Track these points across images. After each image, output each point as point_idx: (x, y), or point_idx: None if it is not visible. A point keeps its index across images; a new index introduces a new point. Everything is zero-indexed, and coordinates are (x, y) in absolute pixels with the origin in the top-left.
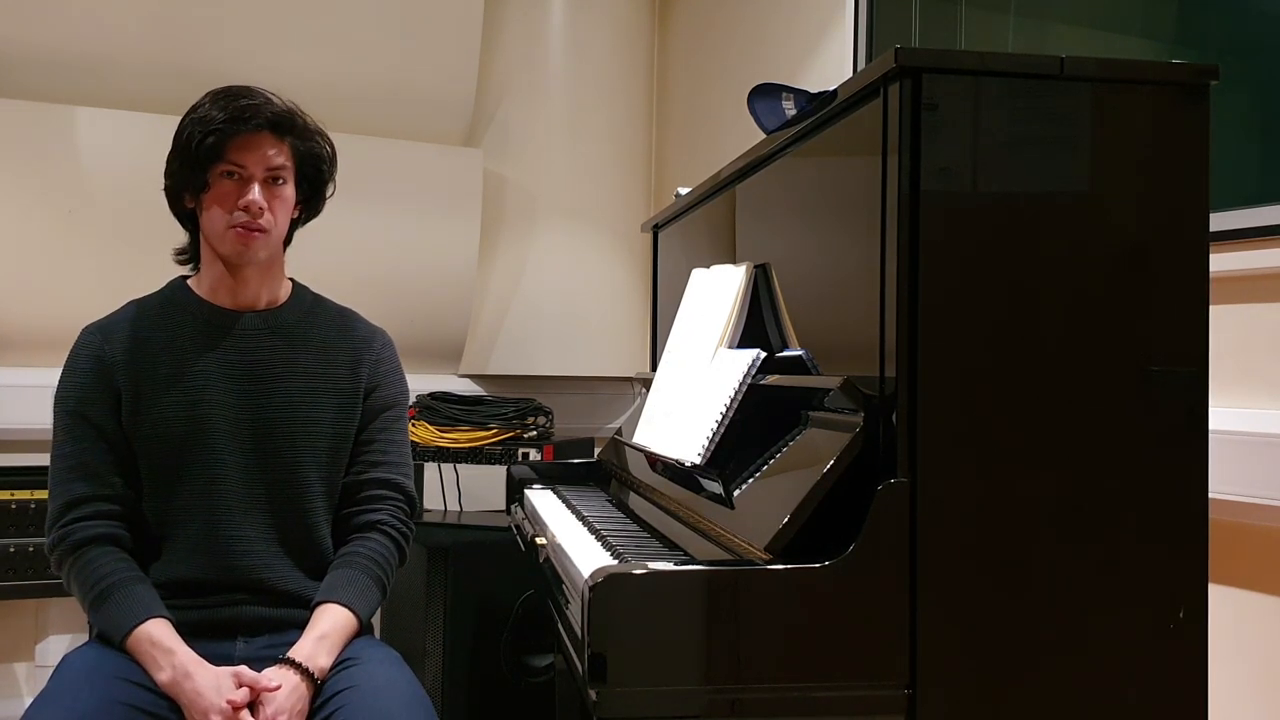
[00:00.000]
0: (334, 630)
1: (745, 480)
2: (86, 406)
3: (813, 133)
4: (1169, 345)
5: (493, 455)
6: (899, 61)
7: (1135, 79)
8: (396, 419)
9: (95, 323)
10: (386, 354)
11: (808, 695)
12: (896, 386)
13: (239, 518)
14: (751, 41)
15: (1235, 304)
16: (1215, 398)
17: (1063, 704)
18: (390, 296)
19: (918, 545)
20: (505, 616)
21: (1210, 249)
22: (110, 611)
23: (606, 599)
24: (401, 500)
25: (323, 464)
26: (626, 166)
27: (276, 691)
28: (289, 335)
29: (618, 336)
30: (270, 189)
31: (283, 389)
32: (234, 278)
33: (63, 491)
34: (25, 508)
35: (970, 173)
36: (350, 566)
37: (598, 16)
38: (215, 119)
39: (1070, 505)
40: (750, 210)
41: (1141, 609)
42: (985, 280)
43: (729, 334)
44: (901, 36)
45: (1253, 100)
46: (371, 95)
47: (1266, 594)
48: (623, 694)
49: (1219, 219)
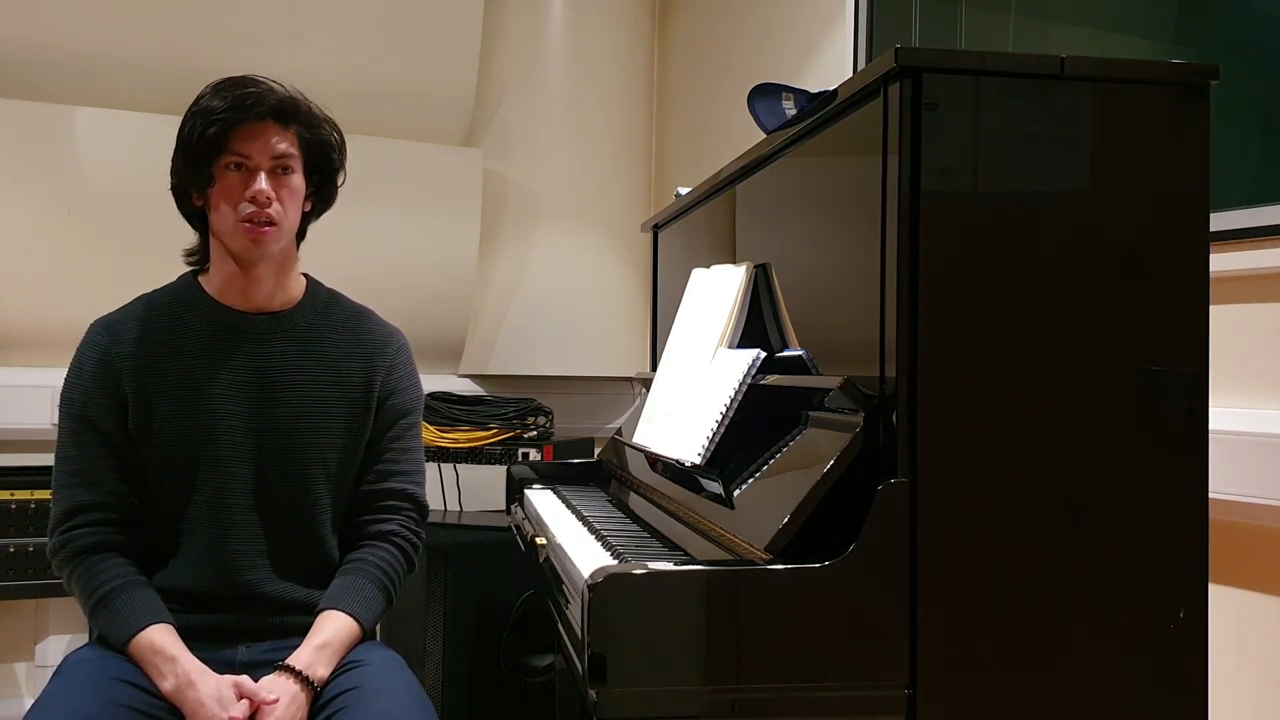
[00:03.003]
0: (335, 638)
1: (745, 480)
2: (91, 410)
3: (813, 133)
4: (1169, 345)
5: (493, 455)
6: (899, 61)
7: (1135, 79)
8: (411, 426)
9: (103, 319)
10: (402, 358)
11: (808, 695)
12: (896, 386)
13: (245, 530)
14: (751, 41)
15: (1235, 304)
16: (1215, 398)
17: (1063, 704)
18: (390, 296)
19: (918, 545)
20: (505, 616)
21: (1210, 249)
22: (112, 617)
23: (606, 599)
24: (413, 510)
25: (332, 475)
26: (626, 166)
27: (275, 705)
28: (301, 340)
29: (618, 336)
30: (278, 179)
31: (293, 398)
32: (246, 276)
33: (65, 497)
34: (25, 508)
35: (970, 173)
36: (357, 574)
37: (598, 16)
38: (216, 109)
39: (1070, 505)
40: (750, 210)
41: (1141, 609)
42: (985, 280)
43: (729, 334)
44: (901, 36)
45: (1253, 100)
46: (371, 95)
47: (1266, 594)
48: (623, 694)
49: (1219, 219)
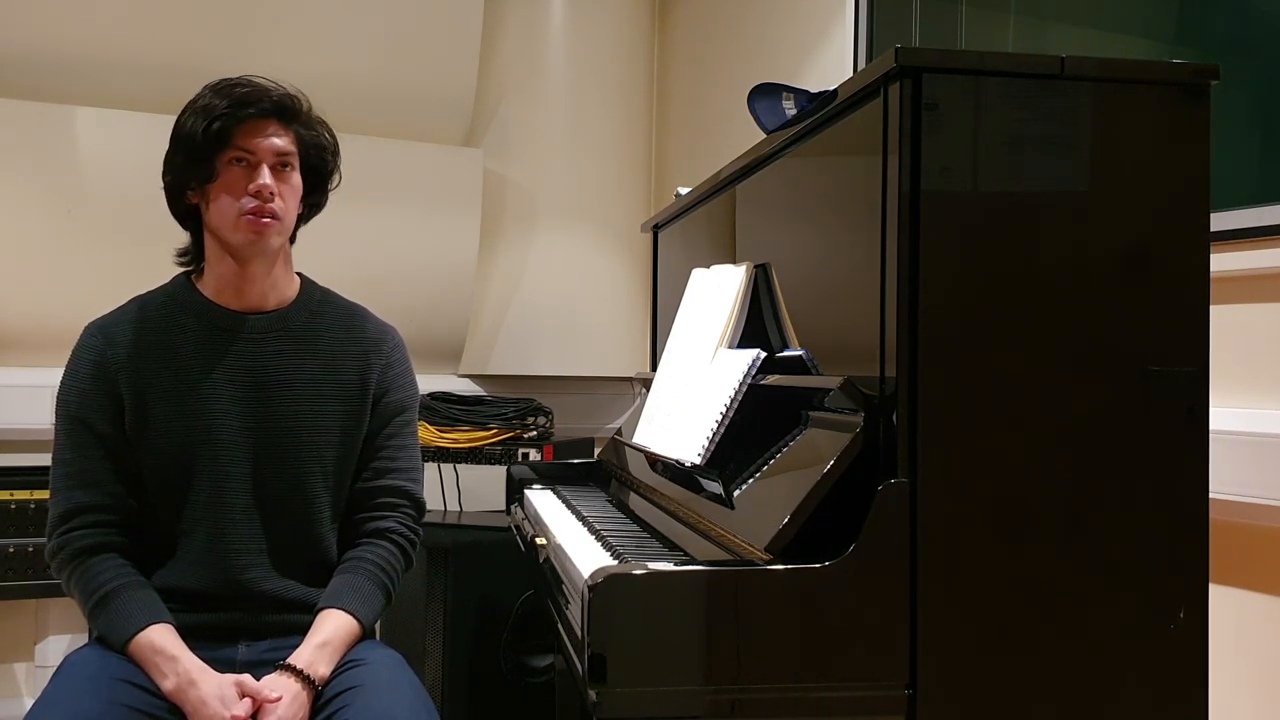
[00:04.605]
0: (335, 637)
1: (745, 480)
2: (87, 412)
3: (813, 132)
4: (1169, 345)
5: (493, 455)
6: (899, 61)
7: (1135, 79)
8: (407, 423)
9: (97, 321)
10: (397, 356)
11: (808, 695)
12: (896, 386)
13: (243, 529)
14: (751, 41)
15: (1235, 304)
16: (1215, 398)
17: (1063, 704)
18: (390, 296)
19: (918, 545)
20: (505, 616)
21: (1210, 249)
22: (112, 617)
23: (606, 599)
24: (410, 507)
25: (329, 473)
26: (626, 166)
27: (277, 703)
28: (296, 339)
29: (618, 336)
30: (279, 175)
31: (289, 397)
32: (241, 274)
33: (63, 499)
34: (25, 508)
35: (970, 173)
36: (355, 573)
37: (598, 16)
38: (219, 106)
39: (1070, 505)
40: (750, 210)
41: (1141, 609)
42: (985, 280)
43: (729, 334)
44: (901, 36)
45: (1253, 100)
46: (371, 95)
47: (1266, 594)
48: (623, 694)
49: (1219, 219)
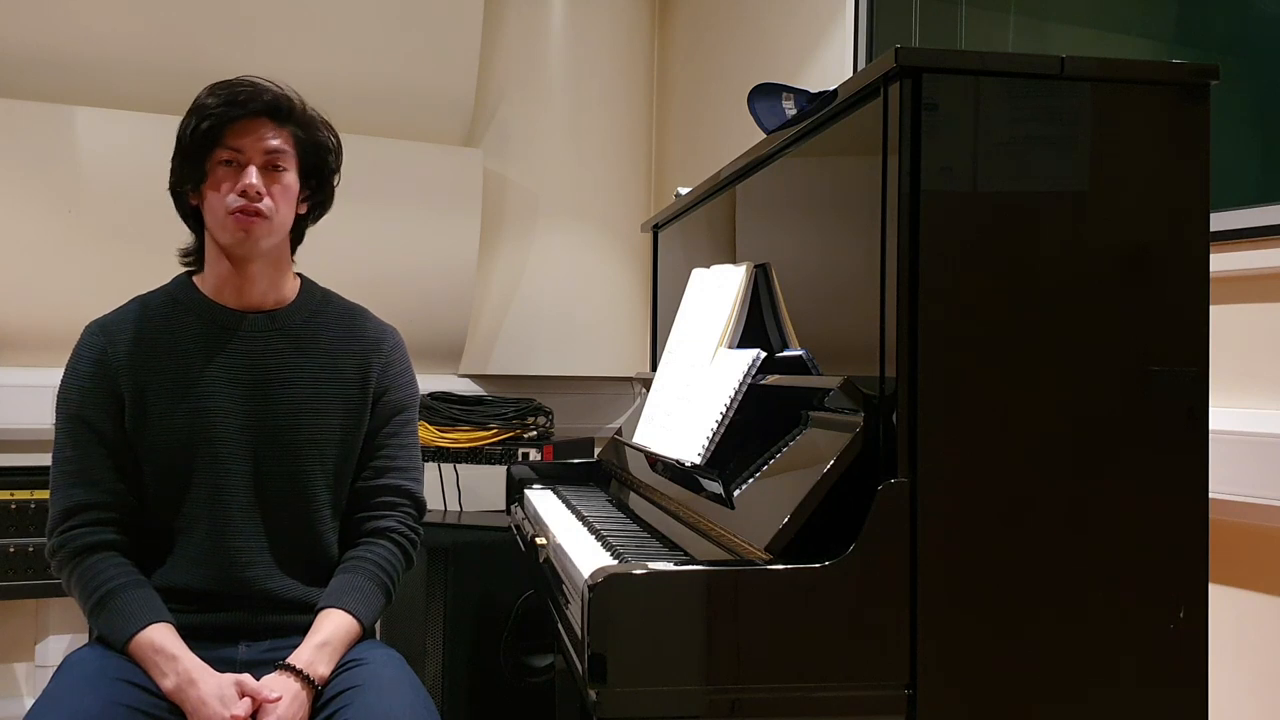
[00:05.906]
0: (335, 637)
1: (745, 480)
2: (88, 411)
3: (813, 133)
4: (1169, 345)
5: (493, 455)
6: (899, 61)
7: (1135, 79)
8: (407, 422)
9: (98, 320)
10: (396, 355)
11: (808, 695)
12: (896, 386)
13: (244, 527)
14: (751, 41)
15: (1235, 304)
16: (1215, 398)
17: (1063, 703)
18: (390, 296)
19: (918, 545)
20: (505, 616)
21: (1210, 249)
22: (112, 617)
23: (606, 599)
24: (410, 506)
25: (330, 472)
26: (626, 166)
27: (277, 703)
28: (295, 338)
29: (618, 336)
30: (270, 175)
31: (289, 395)
32: (240, 274)
33: (63, 498)
34: (25, 508)
35: (970, 173)
36: (356, 572)
37: (598, 16)
38: (210, 106)
39: (1070, 505)
40: (750, 210)
41: (1141, 609)
42: (985, 280)
43: (729, 334)
44: (901, 36)
45: (1253, 100)
46: (371, 95)
47: (1266, 594)
48: (623, 694)
49: (1219, 219)
